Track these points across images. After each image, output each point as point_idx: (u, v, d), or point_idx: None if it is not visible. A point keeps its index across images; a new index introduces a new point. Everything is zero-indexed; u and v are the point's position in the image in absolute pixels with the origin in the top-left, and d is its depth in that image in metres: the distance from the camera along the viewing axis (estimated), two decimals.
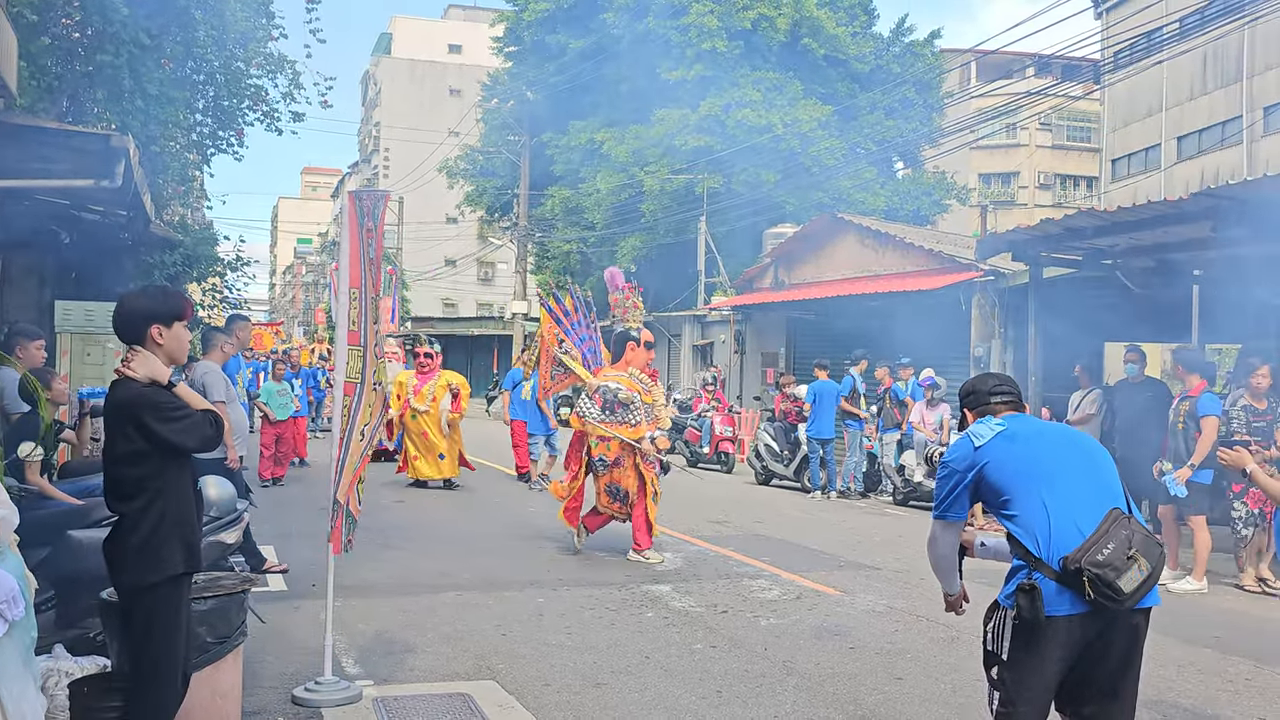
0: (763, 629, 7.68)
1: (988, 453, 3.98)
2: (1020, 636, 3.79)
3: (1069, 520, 3.77)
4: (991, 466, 3.96)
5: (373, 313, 6.03)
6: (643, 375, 10.62)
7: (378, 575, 9.18)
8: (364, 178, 78.00)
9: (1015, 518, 3.88)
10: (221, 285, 23.40)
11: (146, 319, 4.13)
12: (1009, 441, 3.99)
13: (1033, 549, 3.78)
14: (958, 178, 38.07)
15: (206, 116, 17.99)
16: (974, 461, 4.00)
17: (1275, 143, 34.11)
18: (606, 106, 35.62)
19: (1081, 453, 4.03)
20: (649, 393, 10.49)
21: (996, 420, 4.08)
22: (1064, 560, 3.67)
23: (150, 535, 4.01)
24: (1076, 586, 3.64)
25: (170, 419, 4.01)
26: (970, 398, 4.32)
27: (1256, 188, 9.73)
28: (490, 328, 51.23)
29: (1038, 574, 3.73)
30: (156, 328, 4.11)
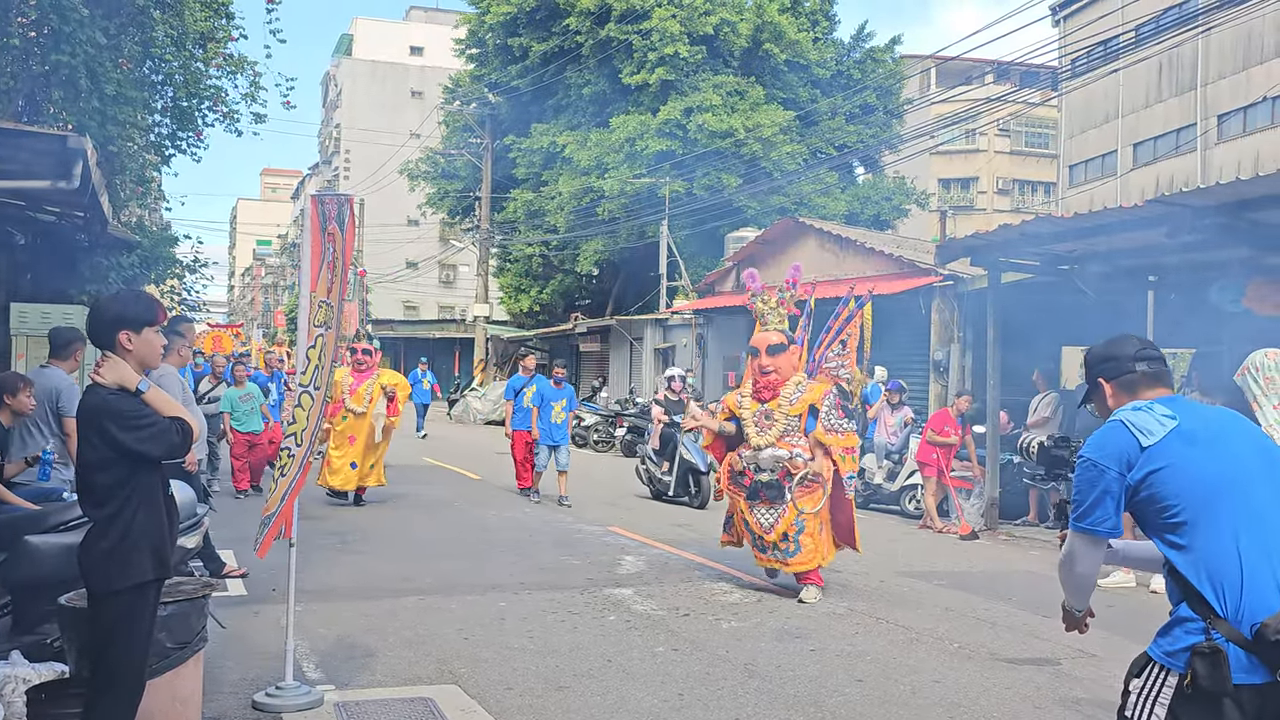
0: (724, 632, 7.71)
1: (1160, 456, 3.06)
2: (1188, 707, 2.88)
3: (1267, 570, 2.91)
4: (1165, 476, 3.04)
5: (325, 314, 5.97)
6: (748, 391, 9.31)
7: (338, 579, 9.13)
8: (324, 179, 77.52)
9: (1186, 550, 2.99)
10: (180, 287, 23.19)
11: (115, 324, 4.10)
12: (1187, 444, 3.07)
13: (1213, 600, 2.91)
14: (918, 183, 38.37)
15: (165, 117, 17.82)
16: (1139, 464, 3.08)
17: (1228, 150, 34.63)
18: (569, 110, 35.60)
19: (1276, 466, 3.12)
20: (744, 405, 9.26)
21: (1162, 409, 3.15)
22: (1261, 628, 2.82)
23: (119, 542, 3.97)
24: (1273, 660, 2.81)
25: (134, 427, 3.97)
26: (1107, 365, 3.39)
27: (1209, 194, 9.87)
28: (452, 330, 51.10)
29: (1217, 633, 2.87)
30: (125, 334, 4.07)
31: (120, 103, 14.12)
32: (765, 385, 9.06)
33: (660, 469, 15.58)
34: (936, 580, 9.97)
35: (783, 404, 8.98)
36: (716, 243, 30.84)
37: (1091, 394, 3.48)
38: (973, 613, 8.55)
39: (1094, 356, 3.46)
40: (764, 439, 8.92)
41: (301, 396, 5.88)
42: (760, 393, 9.10)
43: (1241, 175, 9.82)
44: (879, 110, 34.86)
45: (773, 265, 24.01)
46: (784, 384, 9.05)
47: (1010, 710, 5.96)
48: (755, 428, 9.01)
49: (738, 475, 9.13)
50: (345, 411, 13.53)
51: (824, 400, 8.99)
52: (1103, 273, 12.85)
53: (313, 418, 5.89)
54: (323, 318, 5.96)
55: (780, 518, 8.84)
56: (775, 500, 8.87)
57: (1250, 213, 9.89)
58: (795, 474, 8.81)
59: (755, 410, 9.09)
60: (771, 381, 9.04)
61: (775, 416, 8.96)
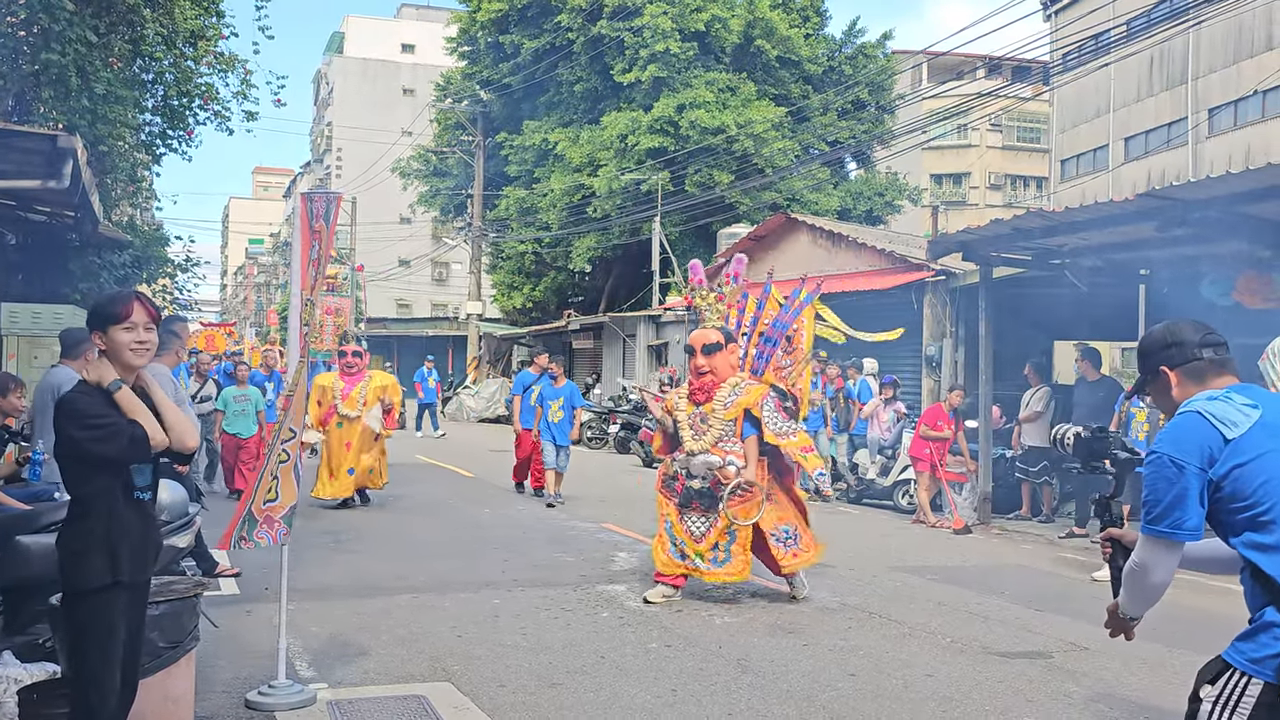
0: (717, 627, 7.72)
1: (1246, 449, 2.84)
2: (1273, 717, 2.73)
3: None
4: (1251, 471, 2.83)
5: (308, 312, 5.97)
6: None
7: (331, 578, 9.13)
8: (316, 178, 77.41)
9: (1271, 550, 2.80)
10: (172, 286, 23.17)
11: (89, 325, 4.08)
12: (1272, 436, 2.86)
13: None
14: (910, 178, 38.41)
15: (156, 116, 17.79)
16: (1222, 459, 2.85)
17: (1219, 144, 34.70)
18: (561, 107, 35.59)
19: None
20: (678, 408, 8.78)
21: (1242, 398, 2.95)
22: None
23: (74, 543, 3.92)
24: None
25: (87, 425, 3.87)
26: (1171, 352, 3.15)
27: (1200, 188, 9.89)
28: (445, 328, 51.05)
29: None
30: (96, 334, 4.03)
31: (110, 101, 14.11)
32: (700, 387, 8.53)
33: None
34: (929, 575, 9.99)
35: (717, 407, 8.45)
36: (709, 239, 30.86)
37: (1149, 383, 3.22)
38: (965, 607, 8.56)
39: (1154, 342, 3.20)
40: (698, 444, 8.43)
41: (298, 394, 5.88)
42: (695, 394, 8.57)
43: (1232, 169, 9.84)
44: (871, 106, 34.88)
45: (765, 262, 24.01)
46: (719, 386, 8.51)
47: (1003, 704, 5.97)
48: (690, 431, 8.51)
49: (669, 480, 8.67)
50: (339, 418, 13.16)
51: (762, 404, 8.45)
52: (1094, 267, 12.88)
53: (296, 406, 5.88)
54: (307, 316, 5.97)
55: (712, 527, 8.39)
56: (708, 509, 8.42)
57: (1241, 206, 9.91)
58: (726, 484, 8.31)
59: (690, 412, 8.57)
60: (706, 383, 8.51)
61: (710, 420, 8.44)
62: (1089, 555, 11.17)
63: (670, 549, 8.53)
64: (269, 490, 5.80)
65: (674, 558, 8.50)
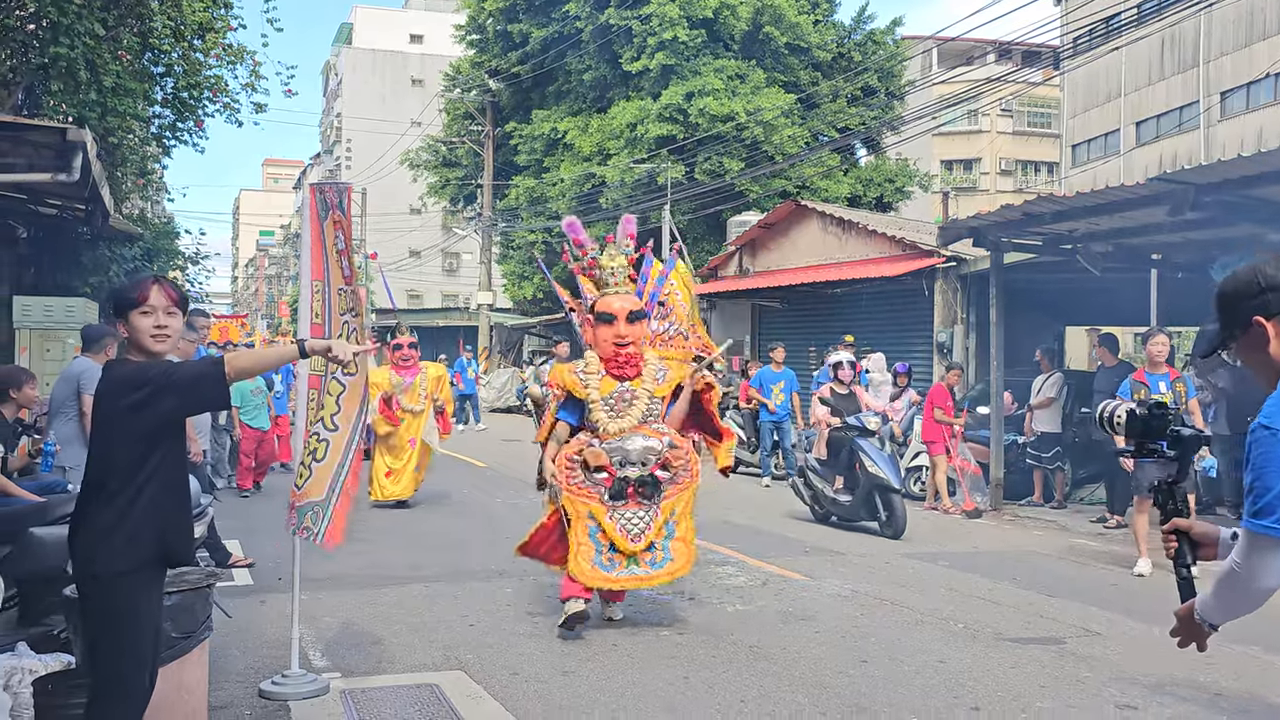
0: (729, 615, 7.73)
1: None
2: None
3: None
4: None
5: (348, 302, 5.94)
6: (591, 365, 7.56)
7: (344, 568, 9.15)
8: (326, 169, 77.44)
9: None
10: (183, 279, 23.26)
11: (114, 315, 4.08)
12: None
13: None
14: (920, 164, 38.25)
15: (165, 108, 17.83)
16: None
17: (1231, 127, 34.53)
18: (569, 96, 35.53)
19: None
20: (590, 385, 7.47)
21: None
22: None
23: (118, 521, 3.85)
24: None
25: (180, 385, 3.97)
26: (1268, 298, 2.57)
27: (1212, 172, 9.85)
28: (456, 319, 51.06)
29: None
30: (120, 323, 4.03)
31: (120, 94, 14.14)
32: (627, 360, 7.39)
33: (832, 486, 12.30)
34: (941, 561, 9.99)
35: (647, 382, 7.41)
36: (719, 227, 30.81)
37: (1231, 338, 2.65)
38: (977, 593, 8.56)
39: (1241, 287, 2.61)
40: (620, 424, 7.29)
41: (330, 383, 5.82)
42: (622, 368, 7.40)
43: (1244, 152, 9.80)
44: (880, 92, 34.71)
45: (776, 249, 24.03)
46: (643, 359, 7.49)
47: (1014, 689, 5.97)
48: (607, 411, 7.32)
49: (588, 472, 7.26)
50: (402, 413, 12.60)
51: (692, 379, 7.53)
52: (1105, 252, 12.84)
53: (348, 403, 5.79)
54: (345, 305, 5.94)
55: (651, 523, 7.25)
56: (648, 499, 7.26)
57: (1253, 190, 9.87)
58: (673, 466, 7.34)
59: (611, 390, 7.38)
60: (632, 356, 7.41)
61: (638, 397, 7.36)
62: (1104, 542, 11.15)
63: (595, 557, 7.15)
64: (301, 475, 5.81)
65: (599, 568, 7.14)
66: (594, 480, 7.24)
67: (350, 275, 5.92)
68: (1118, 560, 9.72)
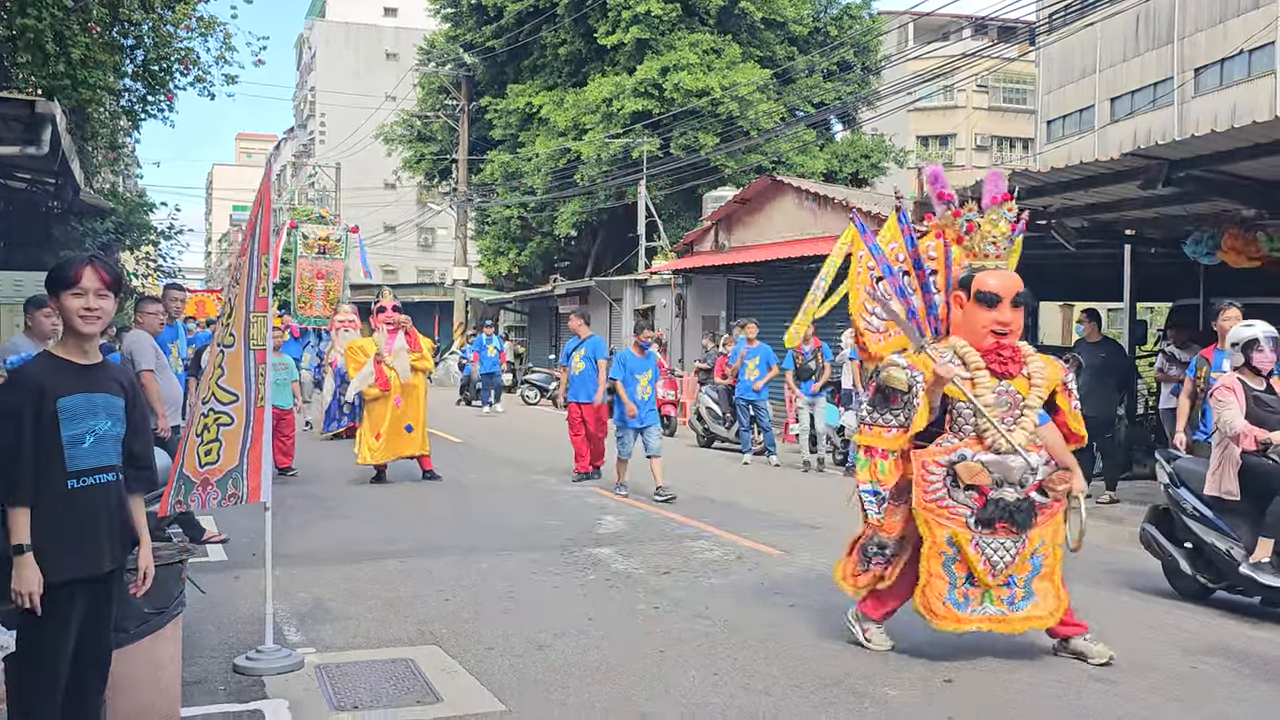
0: (704, 589, 7.75)
1: None
2: None
3: None
4: None
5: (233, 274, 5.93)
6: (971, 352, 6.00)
7: (318, 543, 9.14)
8: (300, 143, 76.90)
9: None
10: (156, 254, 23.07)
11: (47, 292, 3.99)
12: None
13: None
14: (896, 140, 38.28)
15: (136, 81, 17.63)
16: None
17: (1205, 103, 34.67)
18: (545, 70, 35.39)
19: None
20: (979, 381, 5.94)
21: None
22: None
23: None
24: None
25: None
26: None
27: (1186, 148, 9.88)
28: (431, 294, 50.87)
29: None
30: (52, 301, 3.94)
31: (89, 66, 13.98)
32: (1012, 354, 5.99)
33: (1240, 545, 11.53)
34: None
35: (1040, 383, 6.02)
36: (695, 203, 30.78)
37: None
38: None
39: None
40: (1016, 437, 5.86)
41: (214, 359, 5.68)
42: (1005, 363, 5.97)
43: (1218, 128, 9.83)
44: (856, 67, 34.72)
45: (751, 224, 24.02)
46: (1023, 353, 6.08)
47: (987, 660, 6.02)
48: (999, 417, 5.89)
49: (954, 488, 5.93)
50: (389, 370, 12.67)
51: (1066, 380, 6.25)
52: (1079, 227, 12.88)
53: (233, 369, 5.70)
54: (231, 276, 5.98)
55: (1018, 554, 5.95)
56: (1019, 528, 5.93)
57: (1226, 165, 9.91)
58: (1059, 491, 5.97)
59: (994, 388, 5.95)
60: (1014, 348, 6.03)
61: (1029, 405, 5.97)
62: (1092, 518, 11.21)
63: (949, 594, 5.93)
64: (209, 452, 5.63)
65: (953, 606, 5.94)
66: (961, 499, 5.93)
67: (241, 250, 5.92)
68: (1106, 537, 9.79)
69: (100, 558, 3.89)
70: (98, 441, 3.86)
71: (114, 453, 3.94)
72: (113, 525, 3.93)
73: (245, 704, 5.24)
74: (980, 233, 6.15)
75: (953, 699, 5.45)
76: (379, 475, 12.88)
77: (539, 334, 38.67)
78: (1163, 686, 5.62)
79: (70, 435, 3.79)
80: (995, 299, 5.93)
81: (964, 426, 5.96)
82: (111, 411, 3.92)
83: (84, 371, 3.89)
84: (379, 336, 12.97)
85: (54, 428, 3.76)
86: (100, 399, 3.89)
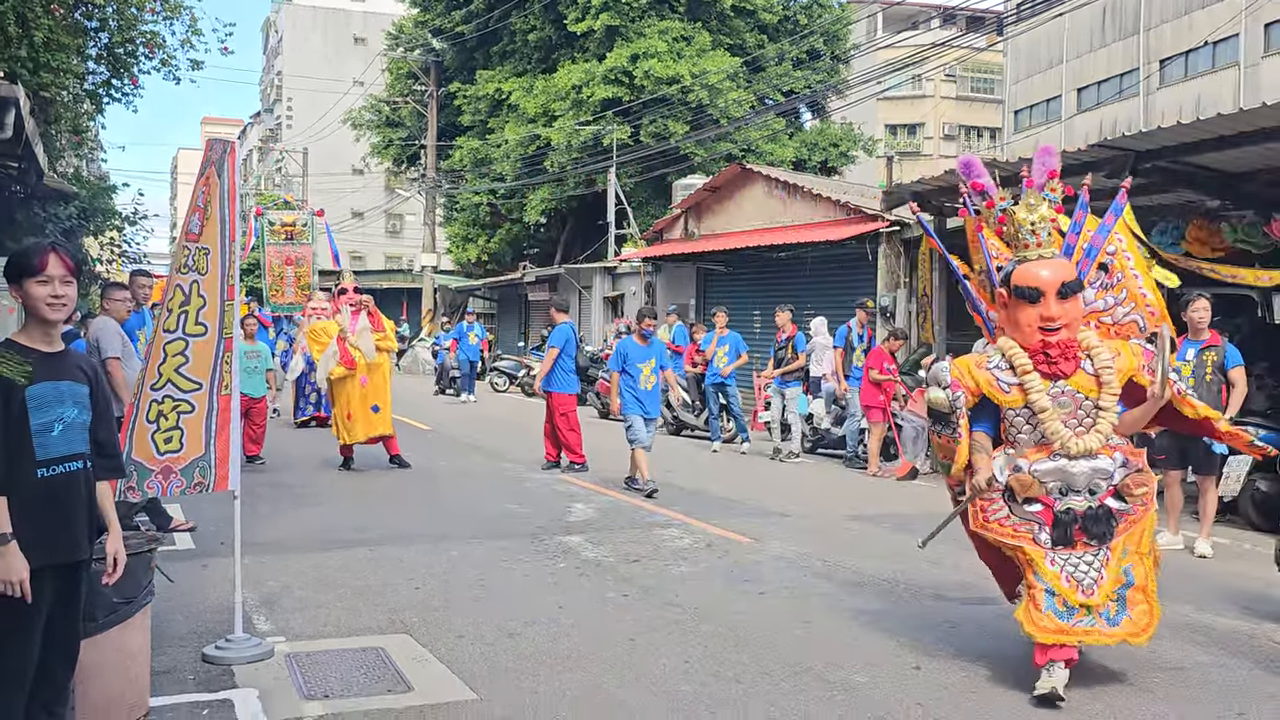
0: (674, 577, 7.78)
1: None
2: None
3: None
4: None
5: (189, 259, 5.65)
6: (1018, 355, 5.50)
7: (288, 532, 9.10)
8: (266, 128, 76.30)
9: None
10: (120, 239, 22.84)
11: (5, 279, 3.92)
12: None
13: None
14: (865, 129, 38.39)
15: (100, 64, 17.43)
16: None
17: (1170, 94, 34.99)
18: (514, 57, 35.25)
19: None
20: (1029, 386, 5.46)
21: None
22: None
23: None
24: None
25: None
26: None
27: (1151, 138, 9.98)
28: (399, 280, 50.69)
29: None
30: (13, 289, 3.89)
31: (52, 49, 13.82)
32: (1063, 351, 5.44)
33: None
34: (884, 524, 10.11)
35: (1109, 379, 5.44)
36: (664, 191, 30.78)
37: None
38: (918, 554, 8.64)
39: None
40: (1088, 441, 5.40)
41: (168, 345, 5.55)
42: (1057, 363, 5.44)
43: (1183, 119, 9.92)
44: (826, 55, 34.76)
45: (721, 212, 24.04)
46: (1083, 346, 5.51)
47: (955, 647, 6.08)
48: (1059, 420, 5.43)
49: (1015, 504, 5.53)
50: (354, 349, 12.62)
51: (1147, 365, 5.56)
52: None
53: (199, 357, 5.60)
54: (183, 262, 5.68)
55: (1104, 568, 5.41)
56: (1098, 540, 5.42)
57: (1190, 156, 10.03)
58: (1137, 496, 5.47)
59: (1045, 390, 5.45)
60: (1066, 344, 5.44)
61: (1101, 404, 5.44)
62: None
63: (1048, 603, 5.39)
64: (169, 439, 5.58)
65: (1057, 618, 5.37)
66: (1025, 514, 5.49)
67: (198, 233, 5.69)
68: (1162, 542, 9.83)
69: (70, 546, 3.86)
70: (66, 430, 3.83)
71: (81, 440, 3.90)
72: (83, 514, 3.90)
73: (215, 693, 5.22)
74: (1015, 221, 5.56)
75: (921, 686, 5.49)
76: (346, 463, 12.87)
77: (508, 321, 38.59)
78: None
79: (39, 424, 3.75)
80: (1036, 294, 5.39)
81: (1018, 436, 5.53)
82: (78, 399, 3.89)
83: (49, 359, 3.85)
84: (342, 318, 12.98)
85: (23, 417, 3.72)
86: (66, 386, 3.86)
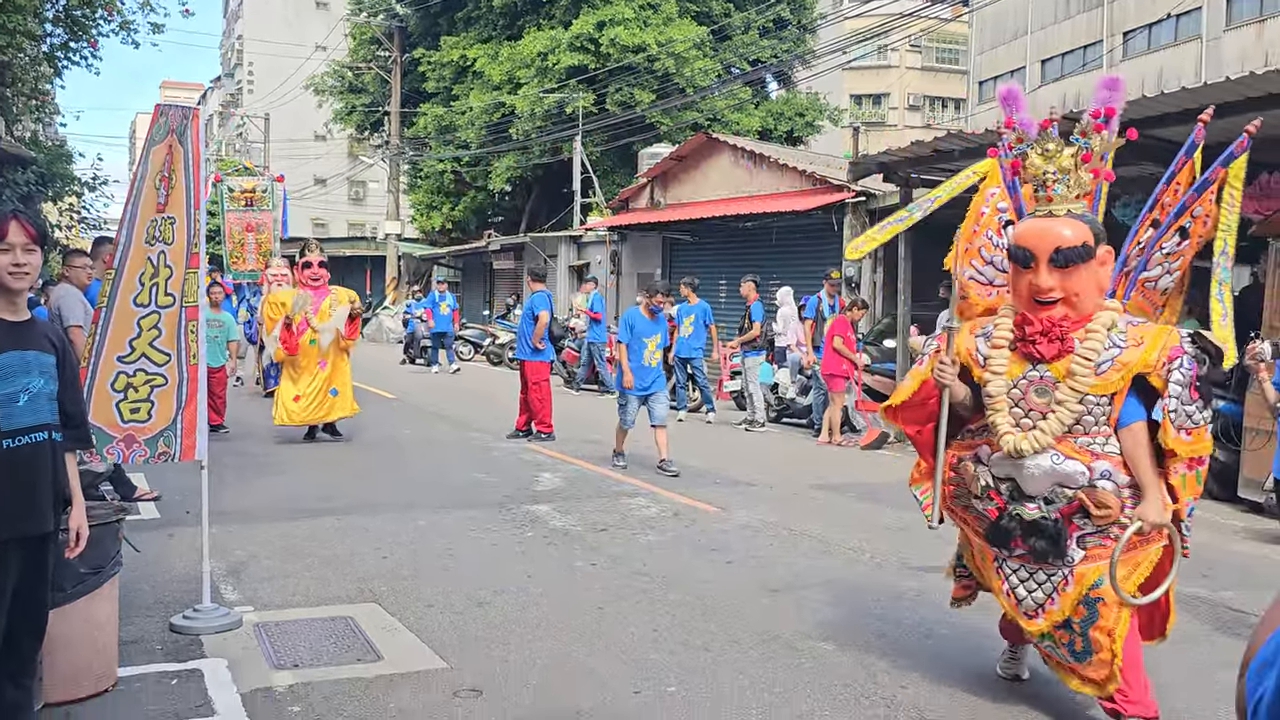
0: (641, 546, 7.82)
1: None
2: None
3: None
4: None
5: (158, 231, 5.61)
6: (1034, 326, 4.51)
7: (254, 501, 9.07)
8: (227, 93, 75.37)
9: None
10: (80, 205, 22.54)
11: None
12: None
13: None
14: (830, 98, 38.39)
15: (57, 26, 17.15)
16: None
17: (1133, 66, 35.14)
18: (479, 22, 34.96)
19: None
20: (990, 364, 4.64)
21: None
22: None
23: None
24: None
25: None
26: None
27: None
28: (362, 248, 50.30)
29: None
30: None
31: (8, 10, 13.59)
32: (1049, 329, 4.44)
33: None
34: (849, 493, 10.19)
35: (1079, 370, 4.37)
36: (630, 159, 30.69)
37: None
38: (883, 523, 8.76)
39: None
40: (1034, 439, 4.42)
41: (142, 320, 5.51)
42: (1037, 342, 4.47)
43: (1146, 92, 9.99)
44: (792, 24, 34.69)
45: (687, 182, 24.00)
46: (1082, 326, 4.44)
47: (920, 614, 6.16)
48: (1009, 410, 4.53)
49: (969, 496, 4.78)
50: (312, 332, 12.12)
51: (1169, 366, 4.30)
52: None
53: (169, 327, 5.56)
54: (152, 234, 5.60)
55: (1057, 593, 4.48)
56: (1046, 559, 4.48)
57: (1154, 129, 10.08)
58: (1100, 516, 4.34)
59: (1019, 374, 4.53)
60: (1059, 321, 4.44)
61: (1065, 392, 4.38)
62: None
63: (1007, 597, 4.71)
64: (135, 409, 5.52)
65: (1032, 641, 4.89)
66: (977, 507, 4.74)
67: (164, 203, 5.62)
68: None
69: (37, 518, 3.83)
70: (32, 400, 3.78)
71: (48, 411, 3.85)
72: (49, 485, 3.86)
73: (183, 663, 5.21)
74: (1030, 167, 4.69)
75: (885, 653, 5.57)
76: (310, 433, 12.67)
77: (473, 290, 38.42)
78: None
79: (4, 394, 3.71)
80: (1027, 257, 4.44)
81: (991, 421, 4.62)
82: (44, 369, 3.84)
83: (14, 329, 3.80)
84: (304, 294, 12.41)
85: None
86: (33, 356, 3.81)
